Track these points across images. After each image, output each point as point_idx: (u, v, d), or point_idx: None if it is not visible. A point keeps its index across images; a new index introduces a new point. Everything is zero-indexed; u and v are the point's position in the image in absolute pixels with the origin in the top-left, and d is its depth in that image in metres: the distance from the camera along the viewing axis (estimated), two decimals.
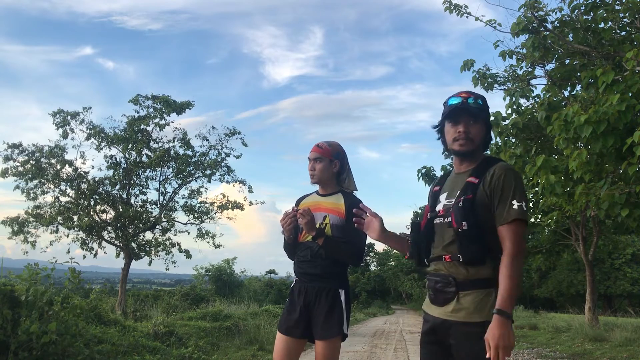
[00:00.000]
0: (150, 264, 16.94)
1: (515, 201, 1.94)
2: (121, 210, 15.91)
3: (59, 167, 15.59)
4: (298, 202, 3.02)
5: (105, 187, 16.28)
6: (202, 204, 17.48)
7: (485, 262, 1.96)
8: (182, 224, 17.36)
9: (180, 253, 17.32)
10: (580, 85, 6.43)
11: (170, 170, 16.97)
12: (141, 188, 16.89)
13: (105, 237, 16.20)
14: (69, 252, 16.55)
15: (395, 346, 9.85)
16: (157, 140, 16.73)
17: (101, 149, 16.14)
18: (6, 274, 5.17)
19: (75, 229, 15.79)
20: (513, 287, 1.85)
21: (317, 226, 2.76)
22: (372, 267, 58.29)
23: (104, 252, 16.52)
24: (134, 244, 16.35)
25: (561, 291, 34.74)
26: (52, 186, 15.87)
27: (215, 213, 17.51)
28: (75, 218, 15.89)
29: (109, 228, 16.22)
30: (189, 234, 17.63)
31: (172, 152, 16.74)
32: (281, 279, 40.09)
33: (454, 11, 6.92)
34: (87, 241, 16.22)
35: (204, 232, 17.47)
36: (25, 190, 15.70)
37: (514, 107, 7.21)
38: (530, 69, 7.04)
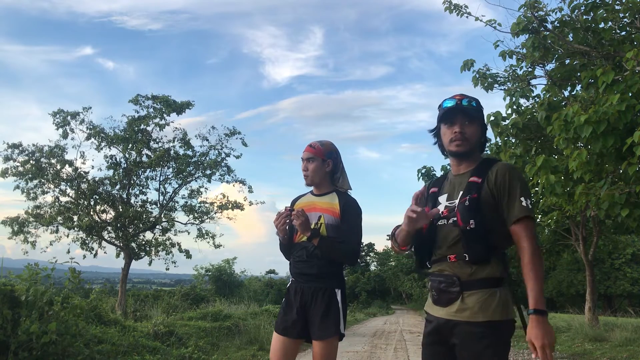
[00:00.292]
0: (150, 264, 16.97)
1: (523, 199, 1.96)
2: (121, 210, 15.90)
3: (59, 167, 15.58)
4: (293, 203, 3.02)
5: (105, 187, 16.27)
6: (202, 204, 17.50)
7: (490, 261, 1.97)
8: (182, 224, 17.38)
9: (180, 253, 17.35)
10: (580, 85, 6.42)
11: (170, 170, 16.97)
12: (141, 188, 16.89)
13: (105, 237, 16.19)
14: (69, 252, 16.60)
15: (395, 346, 9.85)
16: (157, 140, 16.73)
17: (101, 149, 16.14)
18: (6, 274, 5.17)
19: (75, 229, 15.79)
20: (541, 285, 1.87)
21: (312, 226, 2.76)
22: (372, 267, 58.36)
23: (104, 252, 16.54)
24: (134, 244, 16.35)
25: (561, 291, 34.75)
26: (52, 186, 15.86)
27: (215, 213, 17.52)
28: (75, 218, 15.89)
29: (109, 228, 16.21)
30: (189, 234, 17.67)
31: (172, 152, 16.73)
32: (281, 279, 40.19)
33: (454, 11, 6.91)
34: (87, 241, 16.22)
35: (204, 232, 17.49)
36: (25, 190, 15.70)
37: (514, 107, 7.20)
38: (530, 69, 7.03)
